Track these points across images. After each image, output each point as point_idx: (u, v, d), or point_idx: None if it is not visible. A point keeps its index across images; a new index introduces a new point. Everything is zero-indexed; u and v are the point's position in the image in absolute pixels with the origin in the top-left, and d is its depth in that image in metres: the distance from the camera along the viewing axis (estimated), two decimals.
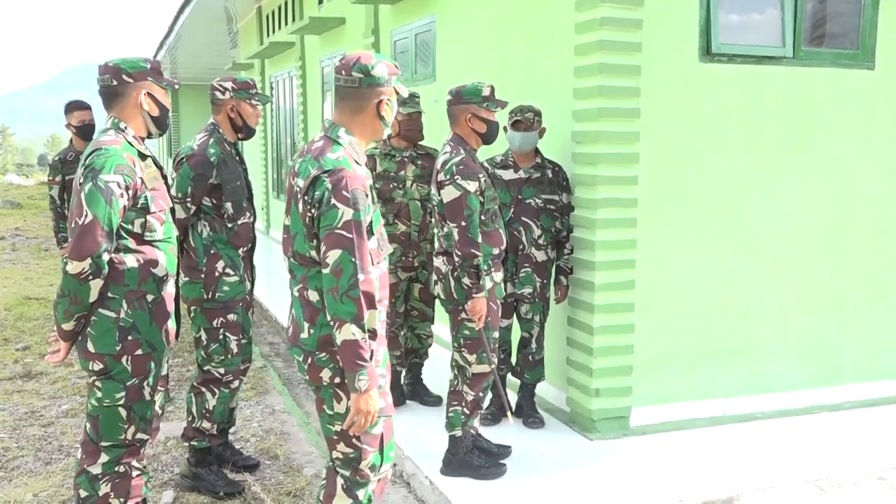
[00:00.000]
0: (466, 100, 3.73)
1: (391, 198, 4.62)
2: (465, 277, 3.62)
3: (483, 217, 3.69)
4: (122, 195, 2.73)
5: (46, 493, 3.85)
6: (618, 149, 4.25)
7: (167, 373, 3.03)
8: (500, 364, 4.35)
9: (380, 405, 2.50)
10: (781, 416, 4.65)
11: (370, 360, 2.42)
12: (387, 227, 4.55)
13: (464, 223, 3.60)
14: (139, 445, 2.93)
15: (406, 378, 4.99)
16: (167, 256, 2.91)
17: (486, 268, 3.70)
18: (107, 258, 2.69)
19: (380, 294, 2.53)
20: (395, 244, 4.60)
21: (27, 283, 9.27)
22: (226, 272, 3.73)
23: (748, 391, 4.68)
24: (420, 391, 4.95)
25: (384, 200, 4.60)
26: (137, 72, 2.88)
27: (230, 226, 3.75)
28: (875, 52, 4.77)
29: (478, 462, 3.82)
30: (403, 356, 4.85)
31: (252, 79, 4.12)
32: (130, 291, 2.80)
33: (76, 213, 2.69)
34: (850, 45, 4.76)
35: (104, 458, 2.88)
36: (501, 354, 4.36)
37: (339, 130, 2.56)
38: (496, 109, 3.75)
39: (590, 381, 4.35)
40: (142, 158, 2.87)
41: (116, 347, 2.79)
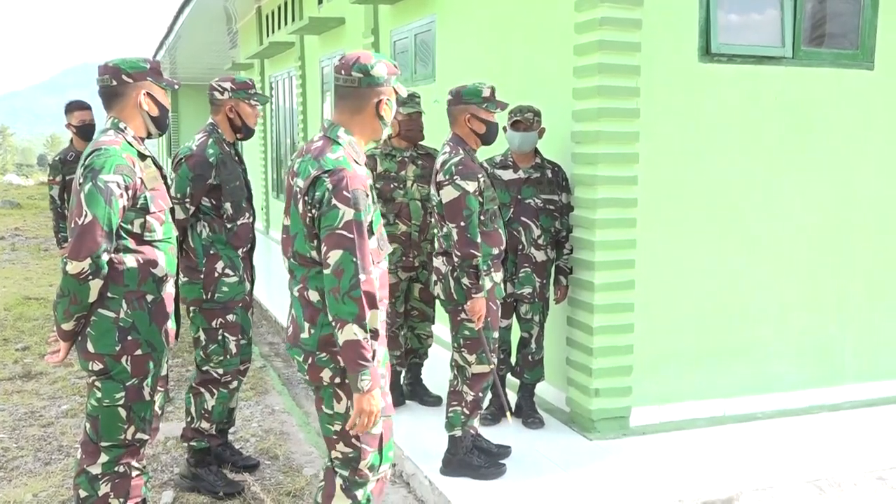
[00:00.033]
0: (466, 100, 3.73)
1: (392, 198, 4.62)
2: (465, 278, 3.62)
3: (482, 217, 3.69)
4: (122, 195, 2.73)
5: (46, 494, 3.85)
6: (617, 149, 4.25)
7: (167, 373, 3.03)
8: (500, 364, 4.35)
9: (381, 405, 2.50)
10: (781, 416, 4.65)
11: (372, 360, 2.42)
12: (387, 227, 4.55)
13: (463, 223, 3.60)
14: (139, 445, 2.93)
15: (405, 378, 4.99)
16: (167, 257, 2.91)
17: (486, 268, 3.70)
18: (106, 258, 2.69)
19: (380, 293, 2.53)
20: (396, 244, 4.61)
21: (27, 284, 9.27)
22: (225, 273, 3.73)
23: (748, 391, 4.68)
24: (420, 391, 4.95)
25: (385, 200, 4.60)
26: (137, 72, 2.88)
27: (229, 226, 3.75)
28: (874, 53, 4.77)
29: (477, 462, 3.82)
30: (403, 356, 4.85)
31: (251, 79, 4.12)
32: (130, 292, 2.80)
33: (76, 214, 2.69)
34: (850, 46, 4.76)
35: (104, 459, 2.88)
36: (501, 354, 4.36)
37: (339, 130, 2.56)
38: (496, 111, 3.75)
39: (589, 381, 4.35)
40: (141, 158, 2.86)
41: (116, 347, 2.79)
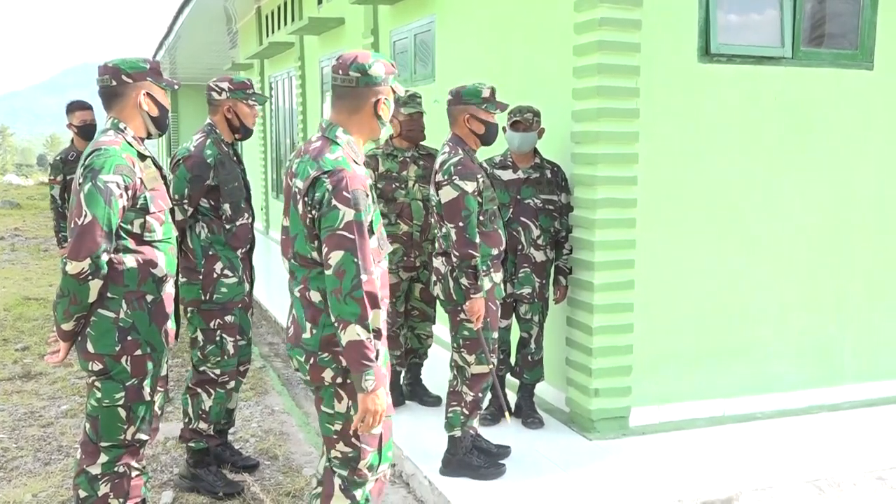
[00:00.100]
0: (465, 100, 3.72)
1: (393, 198, 4.62)
2: (463, 278, 3.62)
3: (482, 217, 3.69)
4: (122, 195, 2.73)
5: (46, 494, 3.85)
6: (617, 149, 4.25)
7: (167, 373, 3.03)
8: (500, 364, 4.36)
9: (386, 404, 2.50)
10: (781, 416, 4.65)
11: (376, 360, 2.42)
12: (389, 227, 4.56)
13: (461, 224, 3.60)
14: (138, 446, 2.93)
15: (405, 378, 4.99)
16: (166, 257, 2.91)
17: (485, 268, 3.70)
18: (106, 258, 2.69)
19: (381, 293, 2.52)
20: (398, 244, 4.61)
21: (26, 284, 9.26)
22: (224, 273, 3.72)
23: (748, 391, 4.68)
24: (419, 391, 4.95)
25: (387, 200, 4.61)
26: (137, 72, 2.88)
27: (228, 227, 3.74)
28: (874, 53, 4.77)
29: (477, 462, 3.82)
30: (403, 356, 4.85)
31: (249, 79, 4.11)
32: (130, 292, 2.80)
33: (75, 214, 2.69)
34: (849, 46, 4.76)
35: (103, 459, 2.88)
36: (500, 355, 4.36)
37: (337, 130, 2.56)
38: (495, 111, 3.75)
39: (589, 382, 4.35)
40: (141, 159, 2.86)
41: (116, 348, 2.79)
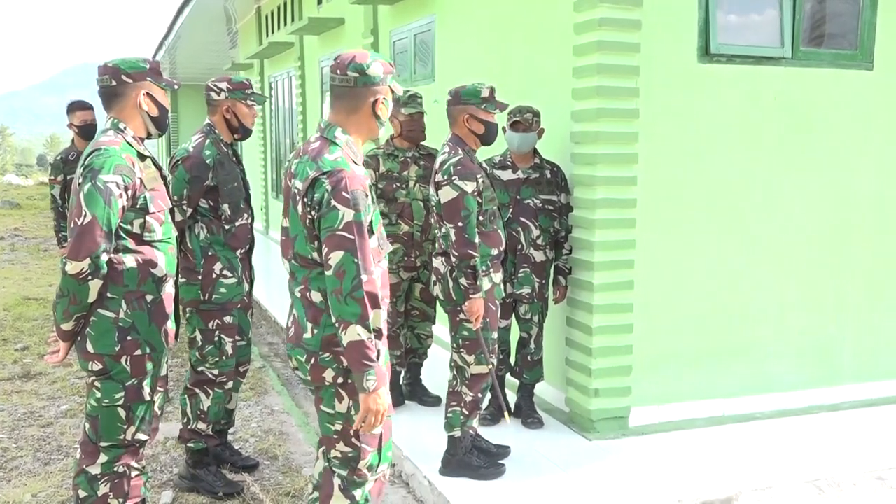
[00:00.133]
0: (465, 100, 3.73)
1: (394, 198, 4.63)
2: (462, 278, 3.62)
3: (481, 217, 3.69)
4: (121, 195, 2.73)
5: (45, 494, 3.85)
6: (617, 149, 4.25)
7: (166, 373, 3.03)
8: (499, 364, 4.36)
9: (388, 404, 2.50)
10: (781, 416, 4.66)
11: (377, 360, 2.42)
12: (390, 227, 4.56)
13: (460, 224, 3.60)
14: (138, 446, 2.93)
15: (405, 378, 4.99)
16: (166, 257, 2.91)
17: (485, 268, 3.70)
18: (105, 258, 2.69)
19: (381, 293, 2.52)
20: (398, 244, 4.61)
21: (26, 284, 9.27)
22: (223, 274, 3.72)
23: (748, 391, 4.68)
24: (419, 391, 4.95)
25: (387, 200, 4.61)
26: (136, 72, 2.88)
27: (228, 227, 3.74)
28: (873, 53, 4.77)
29: (477, 462, 3.82)
30: (403, 356, 4.85)
31: (248, 79, 4.11)
32: (130, 292, 2.80)
33: (75, 214, 2.69)
34: (849, 46, 4.76)
35: (103, 459, 2.88)
36: (500, 355, 4.36)
37: (336, 130, 2.56)
38: (495, 111, 3.75)
39: (589, 382, 4.35)
40: (141, 159, 2.86)
41: (115, 348, 2.79)
